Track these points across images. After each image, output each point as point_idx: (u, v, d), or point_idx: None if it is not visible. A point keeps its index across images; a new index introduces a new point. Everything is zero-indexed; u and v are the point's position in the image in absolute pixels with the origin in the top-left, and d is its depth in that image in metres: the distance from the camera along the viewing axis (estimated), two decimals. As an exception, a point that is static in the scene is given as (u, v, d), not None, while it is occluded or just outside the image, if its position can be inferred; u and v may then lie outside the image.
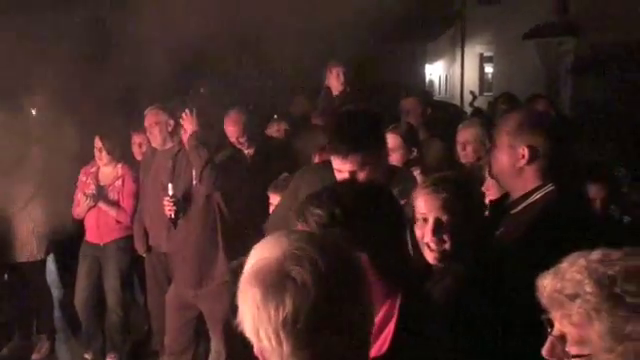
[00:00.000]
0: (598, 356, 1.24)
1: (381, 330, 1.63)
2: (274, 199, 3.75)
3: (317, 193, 1.75)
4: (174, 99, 5.52)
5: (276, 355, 1.23)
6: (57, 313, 5.54)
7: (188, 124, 4.28)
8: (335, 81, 5.74)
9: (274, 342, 1.22)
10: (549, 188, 2.51)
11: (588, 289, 1.24)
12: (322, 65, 6.24)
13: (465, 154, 4.37)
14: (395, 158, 4.08)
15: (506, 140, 2.56)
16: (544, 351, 1.31)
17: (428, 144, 4.61)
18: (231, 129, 4.97)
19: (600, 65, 16.30)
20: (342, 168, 2.65)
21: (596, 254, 1.29)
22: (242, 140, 4.96)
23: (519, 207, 2.54)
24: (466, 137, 4.36)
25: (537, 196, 2.52)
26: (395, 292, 1.68)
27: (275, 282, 1.23)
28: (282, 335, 1.21)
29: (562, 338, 1.28)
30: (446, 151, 4.65)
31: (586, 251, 1.31)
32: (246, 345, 1.30)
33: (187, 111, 4.29)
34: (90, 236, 5.29)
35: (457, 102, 18.88)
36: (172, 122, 4.85)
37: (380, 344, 1.61)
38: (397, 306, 1.65)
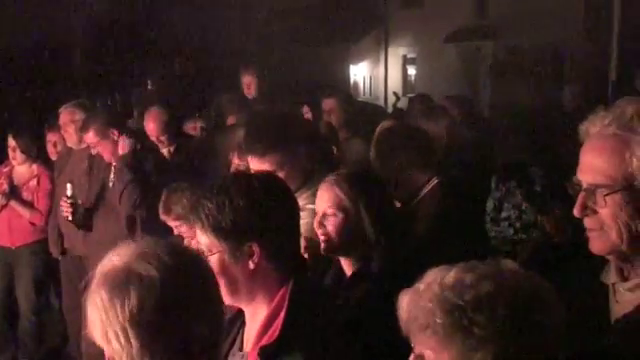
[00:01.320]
0: None
1: (274, 318, 1.66)
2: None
3: (210, 185, 1.74)
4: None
5: (126, 355, 1.25)
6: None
7: (122, 146, 4.22)
8: (247, 89, 6.02)
9: (123, 340, 1.24)
10: (434, 182, 2.80)
11: (438, 320, 1.24)
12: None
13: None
14: (316, 157, 4.10)
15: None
16: None
17: (349, 144, 4.65)
18: (151, 126, 4.87)
19: (517, 67, 16.90)
20: (260, 168, 2.63)
21: (450, 277, 1.28)
22: (162, 138, 4.87)
23: (413, 202, 2.82)
24: None
25: (425, 191, 2.80)
26: (287, 281, 1.71)
27: (120, 281, 1.26)
28: (130, 332, 1.23)
29: (422, 358, 1.29)
30: (367, 150, 4.68)
31: (445, 269, 1.30)
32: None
33: (123, 136, 4.24)
34: (1, 239, 5.07)
35: (381, 103, 19.16)
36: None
37: (272, 332, 1.64)
38: (288, 294, 1.68)
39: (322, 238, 2.24)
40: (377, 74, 23.07)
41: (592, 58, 12.15)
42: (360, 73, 23.19)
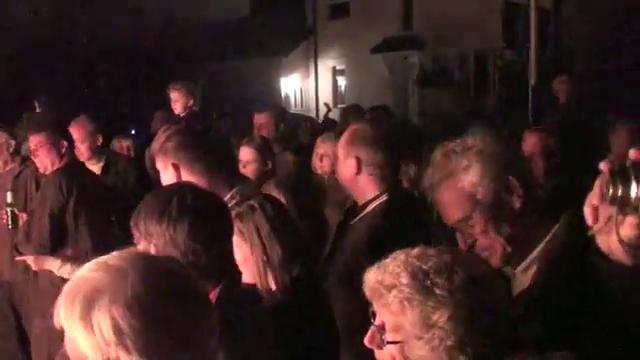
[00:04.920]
0: (409, 342, 1.37)
1: None
2: None
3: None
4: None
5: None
6: None
7: None
8: (174, 104, 5.87)
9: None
10: (383, 198, 2.65)
11: (404, 280, 1.37)
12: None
13: (322, 166, 4.45)
14: (250, 170, 4.12)
15: (341, 153, 2.72)
16: (366, 339, 1.44)
17: (281, 158, 4.67)
18: (76, 135, 4.70)
19: (443, 76, 17.37)
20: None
21: (415, 250, 1.43)
22: (83, 149, 4.72)
23: (358, 217, 2.69)
24: (325, 149, 4.42)
25: (372, 206, 2.66)
26: (215, 285, 1.85)
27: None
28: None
29: (382, 327, 1.41)
30: (298, 164, 4.72)
31: (408, 248, 1.46)
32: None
33: None
34: None
35: (313, 114, 19.29)
36: (13, 142, 4.59)
37: None
38: (217, 295, 1.81)
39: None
40: (308, 86, 23.23)
41: (512, 65, 12.61)
42: (291, 85, 23.29)
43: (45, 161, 4.07)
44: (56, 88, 13.14)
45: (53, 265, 3.88)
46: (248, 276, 2.21)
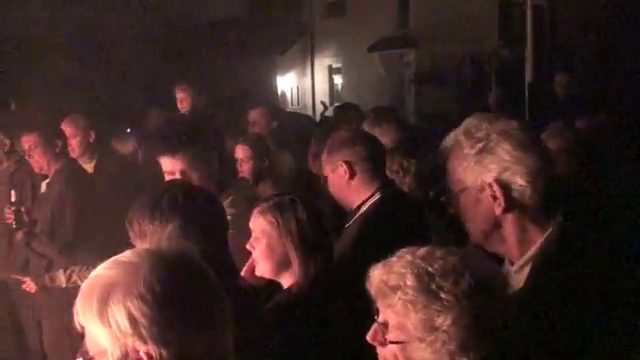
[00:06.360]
0: (411, 343, 1.37)
1: None
2: None
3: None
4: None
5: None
6: None
7: None
8: (181, 103, 5.92)
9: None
10: (376, 197, 2.66)
11: (409, 282, 1.36)
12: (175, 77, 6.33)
13: (315, 164, 4.42)
14: (246, 168, 4.12)
15: (327, 160, 2.73)
16: (368, 336, 1.44)
17: (277, 156, 4.64)
18: (68, 131, 4.63)
19: (440, 74, 17.36)
20: (168, 169, 2.72)
21: (422, 251, 1.42)
22: (74, 144, 4.58)
23: (352, 219, 2.68)
24: (318, 148, 4.38)
25: (365, 207, 2.66)
26: None
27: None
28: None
29: (385, 325, 1.40)
30: (296, 163, 4.69)
31: (415, 247, 1.44)
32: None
33: None
34: None
35: (310, 113, 19.28)
36: (8, 142, 4.57)
37: None
38: None
39: (254, 260, 2.25)
40: (304, 84, 23.22)
41: (508, 63, 12.60)
42: (287, 84, 23.28)
43: (41, 162, 4.04)
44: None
45: (58, 279, 3.75)
46: (267, 268, 2.19)
